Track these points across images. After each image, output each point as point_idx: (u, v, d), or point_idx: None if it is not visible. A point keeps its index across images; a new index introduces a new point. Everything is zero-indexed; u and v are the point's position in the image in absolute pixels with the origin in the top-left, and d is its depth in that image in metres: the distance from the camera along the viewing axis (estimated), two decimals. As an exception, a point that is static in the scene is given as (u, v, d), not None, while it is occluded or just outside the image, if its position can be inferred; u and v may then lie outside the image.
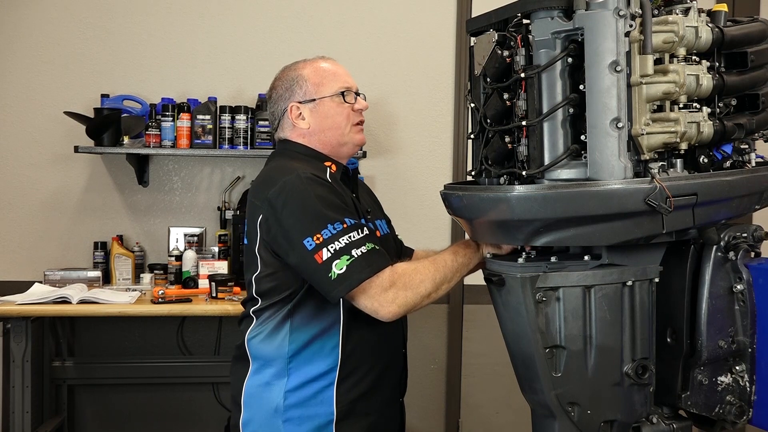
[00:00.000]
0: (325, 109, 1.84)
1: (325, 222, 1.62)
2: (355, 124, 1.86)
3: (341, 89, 1.84)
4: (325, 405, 1.72)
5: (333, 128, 1.84)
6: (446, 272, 1.68)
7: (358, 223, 1.66)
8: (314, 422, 1.72)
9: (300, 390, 1.73)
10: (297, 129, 1.86)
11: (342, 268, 1.59)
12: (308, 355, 1.73)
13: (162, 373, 3.58)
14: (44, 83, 3.54)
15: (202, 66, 3.61)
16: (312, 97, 1.84)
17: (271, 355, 1.75)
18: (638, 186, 1.34)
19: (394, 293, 1.62)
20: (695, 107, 1.41)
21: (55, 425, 3.40)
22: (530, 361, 1.45)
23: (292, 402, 1.72)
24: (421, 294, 1.64)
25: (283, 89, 1.87)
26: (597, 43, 1.34)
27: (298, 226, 1.64)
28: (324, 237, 1.61)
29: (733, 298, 1.49)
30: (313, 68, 1.87)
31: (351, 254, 1.60)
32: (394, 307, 1.62)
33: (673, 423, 1.53)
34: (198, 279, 3.32)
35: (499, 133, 1.51)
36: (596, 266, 1.46)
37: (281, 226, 1.67)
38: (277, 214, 1.67)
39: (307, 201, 1.65)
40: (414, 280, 1.64)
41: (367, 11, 3.69)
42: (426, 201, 3.67)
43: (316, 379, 1.73)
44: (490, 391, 3.72)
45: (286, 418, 1.72)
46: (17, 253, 3.53)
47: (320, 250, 1.60)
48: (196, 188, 3.64)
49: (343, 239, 1.61)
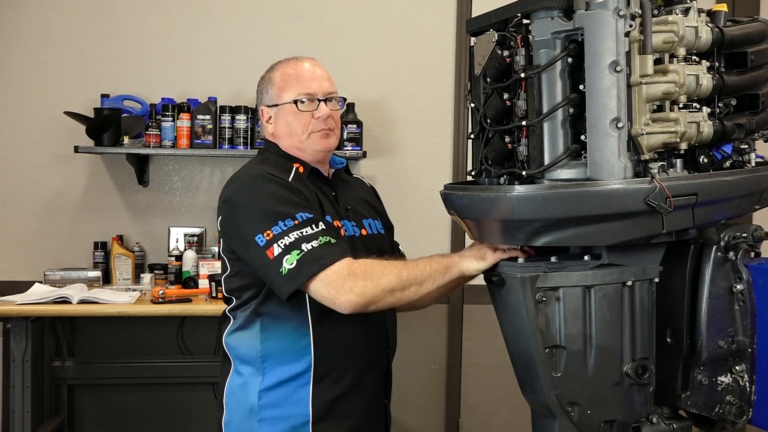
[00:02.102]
0: (284, 115, 1.83)
1: (275, 218, 1.61)
2: (316, 131, 1.81)
3: (299, 96, 1.81)
4: (300, 405, 1.71)
5: (291, 135, 1.83)
6: (416, 273, 1.60)
7: (313, 218, 1.64)
8: (289, 423, 1.70)
9: (275, 390, 1.72)
10: (268, 131, 1.90)
11: (292, 263, 1.57)
12: (280, 355, 1.72)
13: (162, 373, 3.59)
14: (44, 83, 3.54)
15: (202, 66, 3.61)
16: (275, 102, 1.85)
17: (246, 355, 1.76)
18: (638, 186, 1.34)
19: (352, 282, 1.56)
20: (695, 107, 1.41)
21: (55, 425, 3.40)
22: (530, 361, 1.45)
23: (266, 402, 1.72)
24: (383, 287, 1.56)
25: (258, 90, 1.90)
26: (597, 43, 1.34)
27: (250, 223, 1.64)
28: (274, 233, 1.60)
29: (733, 298, 1.49)
30: (281, 72, 1.86)
31: (301, 249, 1.57)
32: (352, 296, 1.55)
33: (673, 423, 1.53)
34: (198, 279, 3.32)
35: (499, 133, 1.51)
36: (596, 266, 1.46)
37: (236, 225, 1.69)
38: (231, 214, 1.70)
39: (259, 199, 1.66)
40: (376, 271, 1.58)
41: (367, 11, 3.69)
42: (426, 201, 3.67)
43: (291, 380, 1.71)
44: (490, 391, 3.72)
45: (261, 417, 1.72)
46: (17, 253, 3.54)
47: (271, 246, 1.59)
48: (196, 188, 3.64)
49: (293, 234, 1.59)
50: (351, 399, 1.75)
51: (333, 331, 1.72)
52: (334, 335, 1.72)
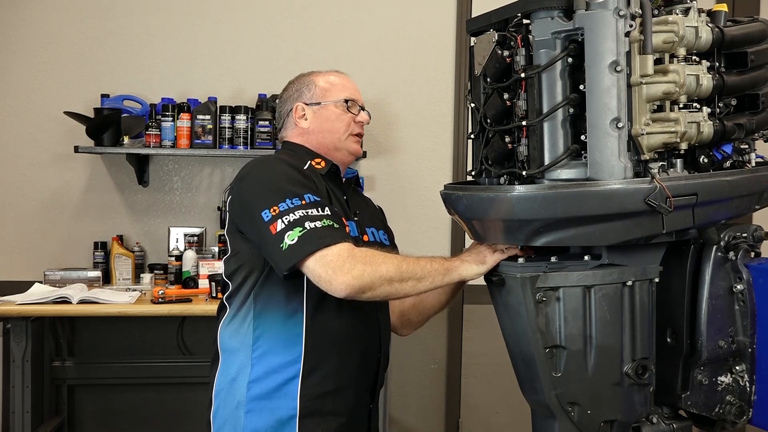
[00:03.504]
0: (327, 113, 1.90)
1: (283, 195, 1.64)
2: (353, 134, 1.91)
3: (347, 98, 1.91)
4: (288, 399, 1.70)
5: (332, 131, 1.89)
6: (416, 269, 1.59)
7: (320, 201, 1.66)
8: (275, 416, 1.70)
9: (263, 381, 1.71)
10: (297, 128, 1.91)
11: (294, 239, 1.58)
12: (271, 344, 1.72)
13: (162, 373, 3.58)
14: (44, 83, 3.54)
15: (202, 66, 3.61)
16: (318, 101, 1.91)
17: (236, 346, 1.76)
18: (638, 186, 1.34)
19: (351, 263, 1.55)
20: (695, 107, 1.41)
21: (55, 425, 3.40)
22: (530, 361, 1.45)
23: (254, 393, 1.72)
24: (381, 274, 1.56)
25: (292, 91, 1.95)
26: (597, 43, 1.34)
27: (257, 198, 1.66)
28: (281, 209, 1.61)
29: (733, 298, 1.49)
30: (325, 78, 1.95)
31: (304, 226, 1.59)
32: (349, 278, 1.54)
33: (673, 423, 1.53)
34: (198, 279, 3.32)
35: (499, 133, 1.51)
36: (596, 266, 1.46)
37: (243, 200, 1.71)
38: (240, 190, 1.73)
39: (270, 176, 1.70)
40: (376, 258, 1.58)
41: (368, 11, 3.69)
42: (426, 201, 3.67)
43: (280, 370, 1.71)
44: (490, 391, 3.72)
45: (248, 409, 1.72)
46: (17, 253, 3.54)
47: (275, 222, 1.61)
48: (196, 188, 3.64)
49: (299, 212, 1.61)
50: (339, 397, 1.74)
51: (326, 323, 1.71)
52: (326, 328, 1.72)
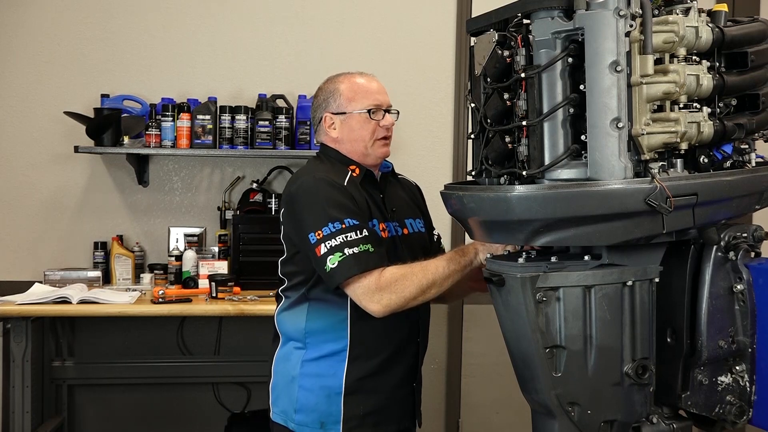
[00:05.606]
0: (352, 123, 2.03)
1: (326, 220, 1.85)
2: (379, 138, 2.02)
3: (370, 106, 2.02)
4: (336, 378, 1.95)
5: (358, 140, 2.02)
6: (435, 278, 1.82)
7: (359, 225, 1.86)
8: (324, 392, 1.95)
9: (315, 362, 1.96)
10: (329, 136, 2.07)
11: (335, 264, 1.81)
12: (322, 334, 1.96)
13: (162, 373, 3.58)
14: (44, 83, 3.54)
15: (202, 66, 3.61)
16: (343, 111, 2.03)
17: (293, 331, 2.00)
18: (638, 186, 1.34)
19: (379, 295, 1.82)
20: (695, 107, 1.41)
21: (55, 425, 3.40)
22: (530, 361, 1.45)
23: (307, 371, 1.97)
24: (406, 297, 1.82)
25: (322, 99, 2.08)
26: (597, 43, 1.34)
27: (305, 221, 1.89)
28: (324, 234, 1.84)
29: (733, 298, 1.49)
30: (350, 83, 2.06)
31: (344, 252, 1.81)
32: (380, 307, 1.82)
33: (673, 423, 1.53)
34: (198, 279, 3.32)
35: (500, 133, 1.51)
36: (596, 266, 1.46)
37: (294, 221, 1.93)
38: (291, 210, 1.94)
39: (315, 200, 1.89)
40: (399, 285, 1.82)
41: (367, 11, 3.69)
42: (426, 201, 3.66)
43: (330, 355, 1.95)
44: (490, 391, 3.72)
45: (301, 384, 1.97)
46: (17, 253, 3.54)
47: (319, 245, 1.84)
48: (196, 188, 3.64)
49: (339, 238, 1.82)
50: (380, 379, 1.97)
51: (368, 320, 1.90)
52: (368, 324, 1.92)
